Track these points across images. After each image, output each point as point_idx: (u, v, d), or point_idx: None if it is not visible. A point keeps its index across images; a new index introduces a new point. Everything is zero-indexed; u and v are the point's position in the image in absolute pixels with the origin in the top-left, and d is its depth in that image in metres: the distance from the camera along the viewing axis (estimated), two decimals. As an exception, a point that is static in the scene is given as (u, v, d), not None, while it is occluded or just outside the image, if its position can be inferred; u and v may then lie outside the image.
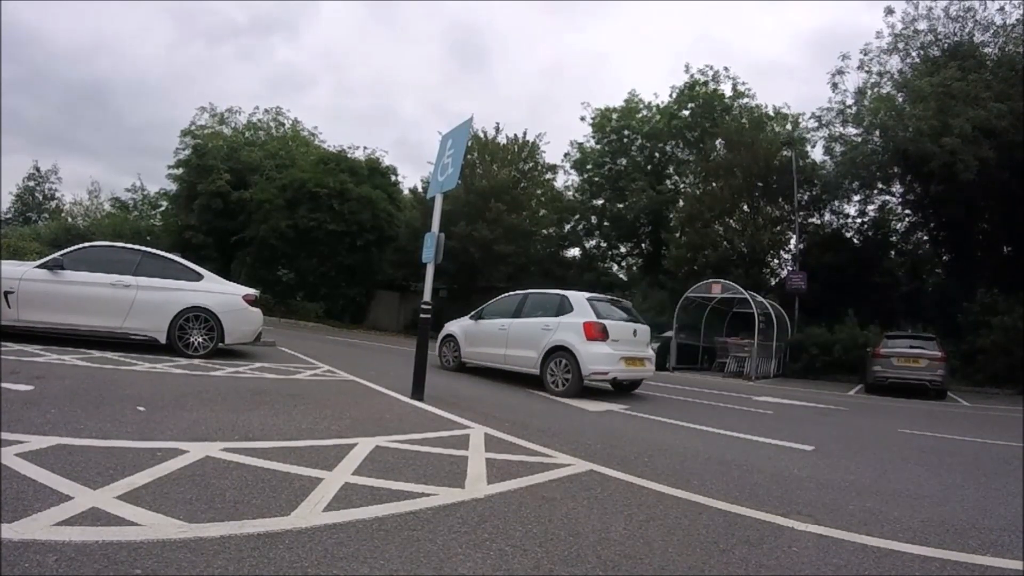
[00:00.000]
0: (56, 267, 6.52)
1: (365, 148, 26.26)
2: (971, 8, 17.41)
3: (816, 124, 20.37)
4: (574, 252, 28.86)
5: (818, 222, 21.91)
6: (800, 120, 23.34)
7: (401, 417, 4.51)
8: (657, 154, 27.49)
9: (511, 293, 9.26)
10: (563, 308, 7.82)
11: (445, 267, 17.10)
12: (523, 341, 7.88)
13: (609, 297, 8.69)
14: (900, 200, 20.69)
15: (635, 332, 7.86)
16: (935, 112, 15.49)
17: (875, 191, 20.48)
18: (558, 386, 7.24)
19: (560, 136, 61.31)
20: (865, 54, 18.96)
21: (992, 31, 17.25)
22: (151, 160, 63.49)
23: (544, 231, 26.45)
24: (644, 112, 27.87)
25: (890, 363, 12.06)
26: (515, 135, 25.32)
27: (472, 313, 9.21)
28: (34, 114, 55.13)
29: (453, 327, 9.35)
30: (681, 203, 24.49)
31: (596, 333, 7.29)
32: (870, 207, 21.29)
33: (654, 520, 2.52)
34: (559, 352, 7.39)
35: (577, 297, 7.93)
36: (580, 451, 3.80)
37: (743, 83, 26.12)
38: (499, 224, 22.07)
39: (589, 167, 28.30)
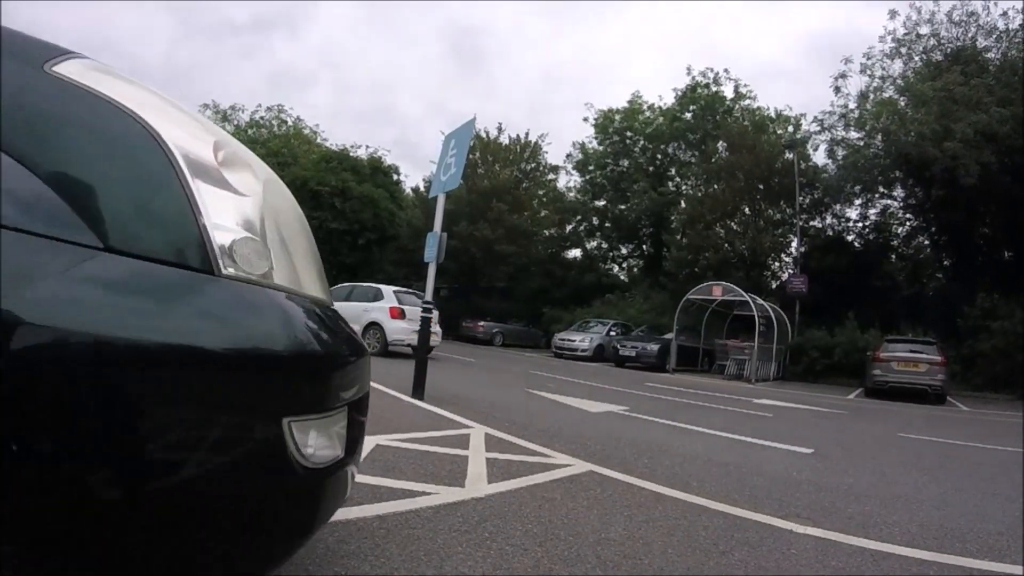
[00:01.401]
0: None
1: (367, 147, 26.34)
2: (974, 13, 17.45)
3: (818, 128, 20.36)
4: (575, 253, 28.90)
5: (819, 225, 21.88)
6: (802, 122, 23.37)
7: (402, 416, 4.52)
8: (659, 156, 27.48)
9: (343, 284, 12.22)
10: (377, 296, 10.92)
11: (446, 266, 17.15)
12: (350, 319, 10.34)
13: (409, 290, 11.76)
14: (901, 204, 20.69)
15: None
16: (937, 116, 15.49)
17: (876, 195, 20.47)
18: (371, 349, 10.55)
19: (562, 137, 61.28)
20: (868, 58, 19.00)
21: (995, 36, 17.25)
22: (153, 158, 63.28)
23: (545, 231, 26.48)
24: (647, 114, 27.85)
25: (890, 367, 12.04)
26: (517, 135, 25.45)
27: None
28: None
29: None
30: (683, 205, 24.50)
31: (397, 314, 10.30)
32: (871, 211, 21.30)
33: (653, 521, 2.52)
34: (373, 327, 10.39)
35: (387, 289, 10.96)
36: (580, 452, 3.81)
37: (744, 85, 26.21)
38: (500, 224, 22.10)
39: (591, 168, 28.27)
